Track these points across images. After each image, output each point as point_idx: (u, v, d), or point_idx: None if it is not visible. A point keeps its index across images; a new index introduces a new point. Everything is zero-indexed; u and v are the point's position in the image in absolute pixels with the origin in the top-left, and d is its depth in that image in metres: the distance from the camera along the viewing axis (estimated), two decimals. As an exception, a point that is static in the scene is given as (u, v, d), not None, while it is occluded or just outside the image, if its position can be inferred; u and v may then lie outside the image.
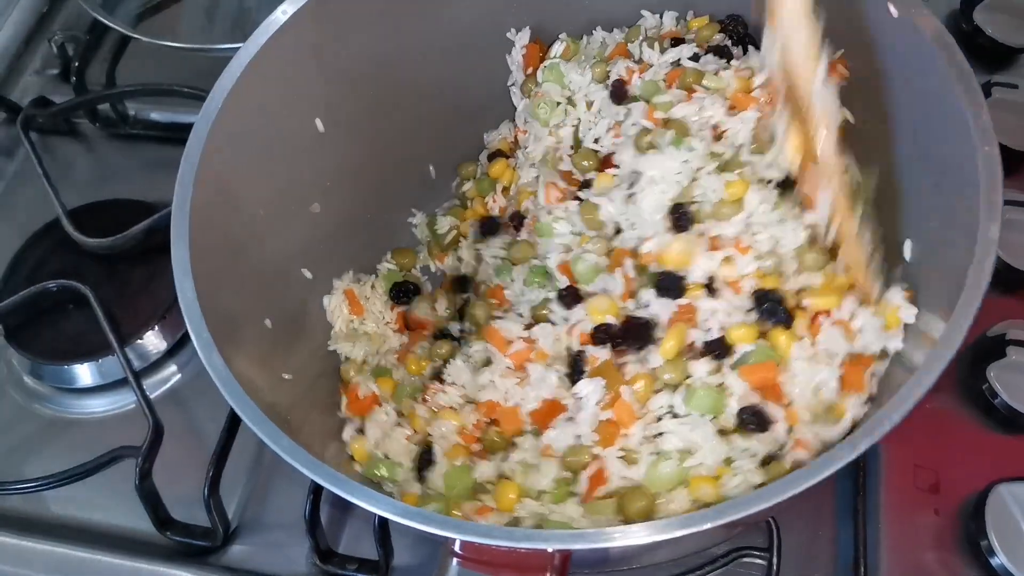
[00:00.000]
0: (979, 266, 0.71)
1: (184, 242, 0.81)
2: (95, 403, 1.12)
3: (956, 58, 0.80)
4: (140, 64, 1.40)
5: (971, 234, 0.73)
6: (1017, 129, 1.12)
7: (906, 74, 0.85)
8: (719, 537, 0.91)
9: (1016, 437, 0.99)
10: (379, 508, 0.69)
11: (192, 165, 0.84)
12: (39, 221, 1.22)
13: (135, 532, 1.00)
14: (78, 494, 1.01)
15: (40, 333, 1.13)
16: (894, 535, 0.94)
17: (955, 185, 0.78)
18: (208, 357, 0.75)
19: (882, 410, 0.69)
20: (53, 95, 1.35)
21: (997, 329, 1.02)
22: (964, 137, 0.76)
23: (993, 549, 0.90)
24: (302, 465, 0.71)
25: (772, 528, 0.91)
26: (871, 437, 0.68)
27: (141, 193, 1.23)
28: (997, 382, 0.98)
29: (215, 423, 0.99)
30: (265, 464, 1.04)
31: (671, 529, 0.67)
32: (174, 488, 0.99)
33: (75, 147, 1.36)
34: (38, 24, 1.49)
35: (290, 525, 0.97)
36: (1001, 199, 0.72)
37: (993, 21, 1.23)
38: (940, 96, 0.80)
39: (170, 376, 1.13)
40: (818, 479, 0.67)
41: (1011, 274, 1.04)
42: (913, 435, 0.99)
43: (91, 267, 1.17)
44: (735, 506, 0.67)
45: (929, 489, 0.97)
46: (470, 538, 0.67)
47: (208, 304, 0.79)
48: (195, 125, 0.86)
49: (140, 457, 0.96)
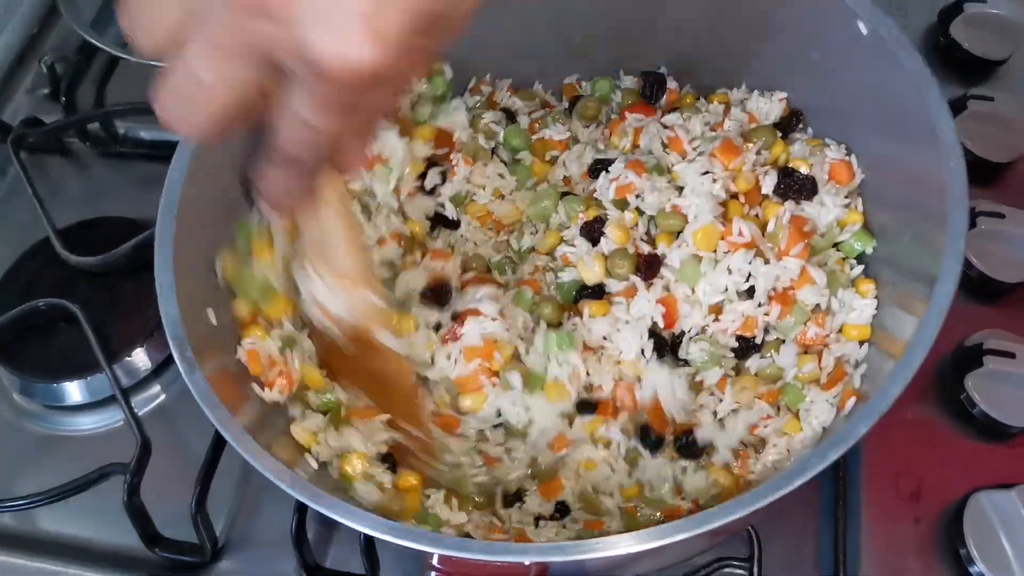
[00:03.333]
0: (947, 275, 0.73)
1: (168, 262, 0.82)
2: (84, 420, 1.13)
3: (924, 74, 0.81)
4: (130, 83, 1.41)
5: (939, 247, 0.74)
6: (993, 141, 1.13)
7: (876, 91, 0.87)
8: (698, 548, 0.91)
9: (994, 445, 1.00)
10: (360, 524, 0.70)
11: (176, 183, 0.86)
12: (29, 240, 1.22)
13: (124, 548, 1.01)
14: (67, 511, 1.01)
15: (29, 351, 1.14)
16: (875, 543, 0.95)
17: (924, 200, 0.80)
18: (191, 376, 0.76)
19: (850, 421, 0.70)
20: (43, 115, 1.36)
21: (975, 339, 1.03)
22: (932, 152, 0.78)
23: (972, 557, 0.91)
24: (284, 483, 0.72)
25: (752, 538, 0.92)
26: (840, 447, 0.69)
27: (131, 211, 1.24)
28: (975, 391, 0.99)
29: (203, 440, 0.99)
30: (252, 480, 1.05)
31: (648, 540, 0.68)
32: (162, 505, 0.99)
33: (65, 166, 1.37)
34: (28, 45, 1.50)
35: (277, 541, 0.97)
36: (967, 214, 0.74)
37: (969, 35, 1.24)
38: (910, 112, 0.81)
39: (158, 393, 1.14)
40: (791, 487, 0.68)
41: (988, 284, 1.06)
42: (893, 443, 1.00)
43: (81, 285, 1.18)
44: (711, 516, 0.68)
45: (910, 497, 0.98)
46: (448, 552, 0.68)
47: (192, 323, 0.80)
48: (179, 143, 0.88)
49: (128, 474, 0.96)
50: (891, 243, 0.90)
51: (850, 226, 0.94)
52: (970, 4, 1.26)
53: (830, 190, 0.93)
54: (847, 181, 0.94)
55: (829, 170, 0.94)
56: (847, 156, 0.95)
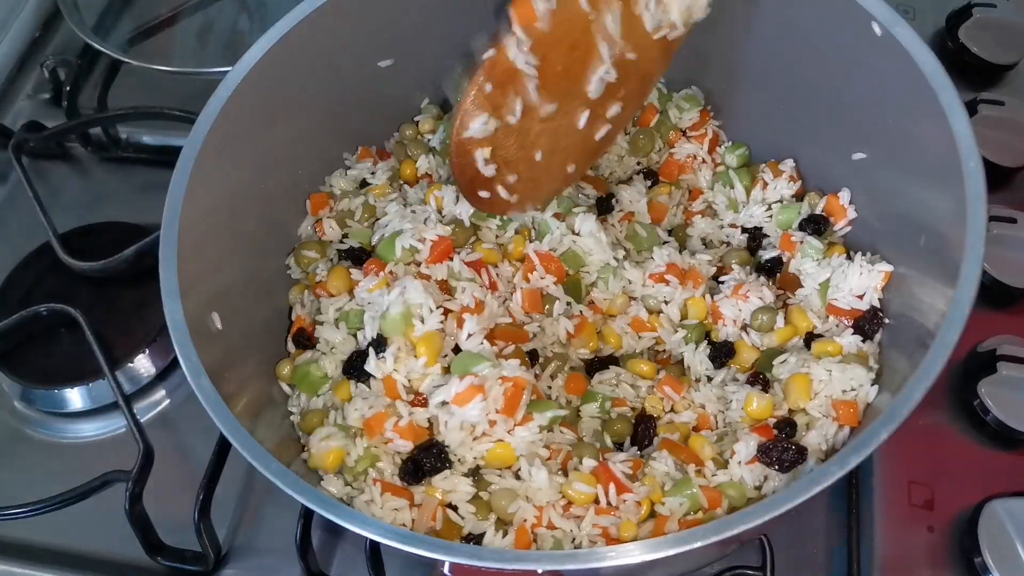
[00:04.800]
0: (966, 279, 0.72)
1: (172, 265, 0.81)
2: (85, 427, 1.11)
3: (939, 74, 0.80)
4: (131, 88, 1.40)
5: (958, 249, 0.73)
6: (1003, 145, 1.13)
7: (891, 92, 0.86)
8: (712, 556, 0.90)
9: (1009, 453, 0.99)
10: (369, 531, 0.69)
11: (181, 187, 0.85)
12: (30, 245, 1.22)
13: (125, 557, 0.99)
14: (68, 519, 1.00)
15: (30, 357, 1.13)
16: (888, 552, 0.94)
17: (941, 200, 0.79)
18: (197, 381, 0.75)
19: (870, 427, 0.69)
20: (45, 119, 1.36)
21: (988, 344, 1.02)
22: (949, 152, 0.77)
23: (987, 566, 0.90)
24: (291, 489, 0.71)
25: (765, 546, 0.90)
26: (860, 454, 0.68)
27: (132, 216, 1.23)
28: (988, 398, 0.98)
29: (206, 447, 0.98)
30: (256, 488, 1.03)
31: (662, 548, 0.67)
32: (165, 512, 0.98)
33: (67, 171, 1.36)
34: (30, 49, 1.50)
35: (281, 549, 0.96)
36: (985, 213, 0.73)
37: (978, 39, 1.24)
38: (925, 113, 0.80)
39: (161, 400, 1.12)
40: (806, 496, 0.67)
41: (1000, 289, 1.05)
42: (907, 452, 0.99)
43: (82, 290, 1.17)
44: (726, 524, 0.67)
45: (923, 505, 0.97)
46: (459, 560, 0.66)
47: (197, 327, 0.79)
48: (184, 147, 0.87)
49: (130, 481, 0.95)
50: (907, 248, 0.89)
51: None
52: (979, 9, 1.26)
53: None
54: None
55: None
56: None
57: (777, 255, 1.01)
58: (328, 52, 0.97)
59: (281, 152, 0.98)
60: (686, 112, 1.11)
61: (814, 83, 0.96)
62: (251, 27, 1.43)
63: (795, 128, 1.04)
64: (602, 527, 0.80)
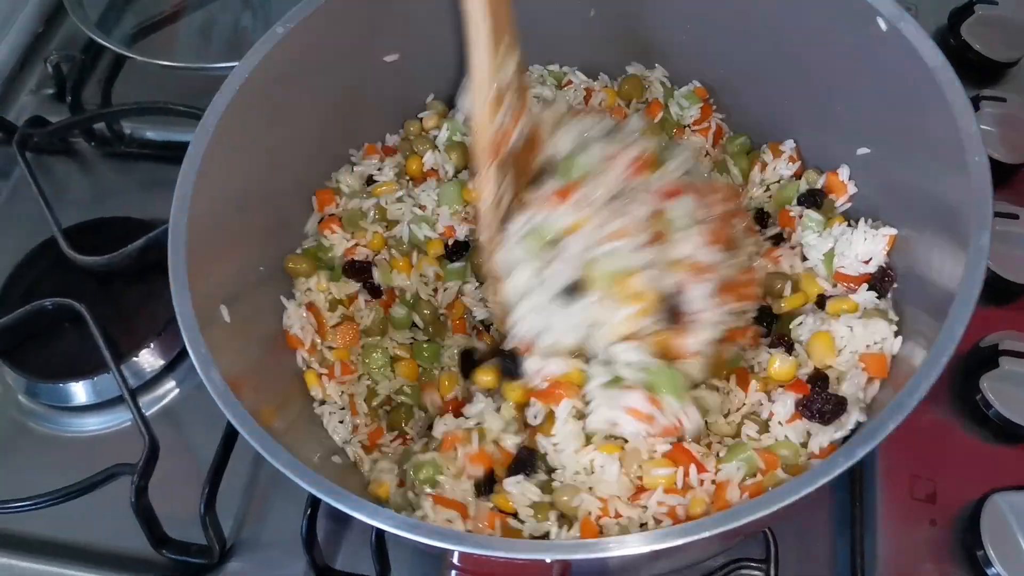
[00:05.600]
0: (970, 274, 0.72)
1: (182, 256, 0.81)
2: (91, 421, 1.12)
3: (945, 69, 0.80)
4: (135, 83, 1.40)
5: (962, 243, 0.73)
6: (1005, 142, 1.13)
7: (896, 87, 0.86)
8: (716, 548, 0.91)
9: (1011, 447, 0.99)
10: (378, 521, 0.69)
11: (189, 181, 0.85)
12: (35, 240, 1.22)
13: (131, 550, 0.99)
14: (74, 512, 1.00)
15: (36, 352, 1.13)
16: (891, 545, 0.95)
17: (945, 195, 0.79)
18: (206, 372, 0.75)
19: (877, 419, 0.69)
20: (49, 115, 1.36)
21: (990, 340, 1.02)
22: (954, 147, 0.77)
23: (989, 559, 0.90)
24: (300, 478, 0.71)
25: (769, 539, 0.91)
26: (867, 445, 0.68)
27: (136, 211, 1.23)
28: (990, 392, 0.99)
29: (212, 440, 0.99)
30: (261, 481, 1.04)
31: (668, 539, 0.67)
32: (170, 506, 0.98)
33: (71, 166, 1.36)
34: (34, 44, 1.50)
35: (287, 542, 0.97)
36: (991, 207, 0.73)
37: (980, 36, 1.25)
38: (931, 108, 0.81)
39: (166, 394, 1.13)
40: (812, 488, 0.67)
41: (1002, 285, 1.05)
42: (909, 446, 1.00)
43: (87, 285, 1.17)
44: (731, 516, 0.67)
45: (926, 499, 0.97)
46: (468, 550, 0.67)
47: (205, 320, 0.79)
48: (193, 139, 0.87)
49: (136, 475, 0.95)
50: (912, 244, 0.89)
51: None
52: (981, 6, 1.26)
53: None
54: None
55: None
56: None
57: (778, 232, 1.01)
58: (334, 47, 0.97)
59: (287, 145, 0.98)
60: (687, 110, 1.11)
61: (818, 78, 0.97)
62: (254, 23, 1.44)
63: (799, 123, 1.04)
64: (669, 506, 0.80)
